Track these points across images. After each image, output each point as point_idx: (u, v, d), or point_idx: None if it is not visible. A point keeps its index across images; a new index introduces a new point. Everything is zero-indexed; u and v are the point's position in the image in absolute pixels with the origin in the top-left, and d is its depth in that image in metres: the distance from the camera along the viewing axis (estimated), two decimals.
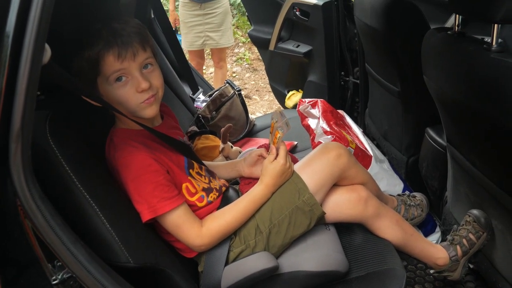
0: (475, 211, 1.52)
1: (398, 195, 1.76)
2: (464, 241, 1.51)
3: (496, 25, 1.19)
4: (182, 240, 1.21)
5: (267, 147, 1.40)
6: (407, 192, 1.85)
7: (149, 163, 1.15)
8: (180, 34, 3.77)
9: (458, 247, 1.51)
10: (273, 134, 1.30)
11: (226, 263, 1.24)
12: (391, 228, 1.42)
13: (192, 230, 1.19)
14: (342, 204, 1.37)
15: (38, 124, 0.99)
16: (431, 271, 1.59)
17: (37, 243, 0.90)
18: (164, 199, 1.15)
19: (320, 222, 1.34)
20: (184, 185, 1.24)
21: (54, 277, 0.93)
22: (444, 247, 1.53)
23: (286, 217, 1.26)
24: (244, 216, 1.25)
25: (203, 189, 1.28)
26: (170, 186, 1.18)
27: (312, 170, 1.33)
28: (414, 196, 1.77)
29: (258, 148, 1.49)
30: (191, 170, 1.28)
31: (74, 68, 1.13)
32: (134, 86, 1.14)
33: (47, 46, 0.82)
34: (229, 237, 1.26)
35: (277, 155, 1.28)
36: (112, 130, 1.24)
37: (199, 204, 1.26)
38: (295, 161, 1.47)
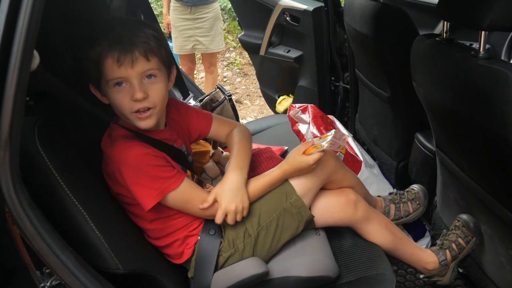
0: (464, 216, 1.53)
1: (389, 193, 1.73)
2: (454, 245, 1.52)
3: (483, 32, 1.20)
4: (192, 214, 1.24)
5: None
6: (395, 190, 1.83)
7: (146, 152, 1.16)
8: (171, 39, 3.77)
9: (447, 251, 1.52)
10: (324, 137, 1.29)
11: (216, 268, 1.24)
12: (380, 232, 1.43)
13: (200, 202, 1.22)
14: (332, 208, 1.38)
15: (27, 130, 0.98)
16: (421, 276, 1.60)
17: (25, 250, 0.90)
18: (168, 178, 1.17)
19: (310, 227, 1.35)
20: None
21: (42, 284, 0.92)
22: (433, 251, 1.54)
23: (274, 220, 1.27)
24: (257, 192, 1.28)
25: None
26: (170, 166, 1.20)
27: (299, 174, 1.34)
28: (409, 191, 1.72)
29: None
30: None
31: (83, 65, 1.16)
32: (130, 93, 1.14)
33: (35, 52, 0.82)
34: (218, 241, 1.25)
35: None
36: (112, 125, 1.24)
37: None
38: None
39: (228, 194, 1.21)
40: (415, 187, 1.73)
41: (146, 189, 1.16)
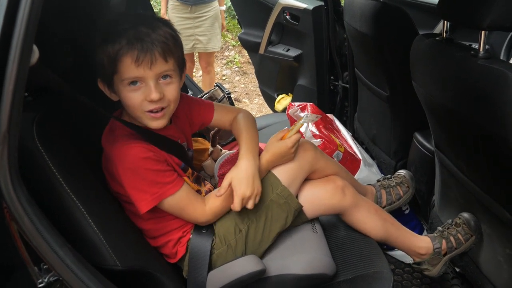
0: (465, 214, 1.53)
1: (377, 180, 1.72)
2: (452, 238, 1.52)
3: (483, 32, 1.20)
4: (187, 220, 1.24)
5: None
6: (382, 176, 1.83)
7: (146, 155, 1.14)
8: None
9: (444, 241, 1.52)
10: (295, 123, 1.32)
11: (210, 266, 1.25)
12: (370, 218, 1.43)
13: (197, 211, 1.22)
14: (320, 196, 1.38)
15: (26, 126, 0.98)
16: (410, 262, 1.57)
17: (23, 246, 0.90)
18: (166, 183, 1.16)
19: (302, 219, 1.35)
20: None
21: (40, 280, 0.92)
22: (430, 237, 1.53)
23: (262, 212, 1.27)
24: None
25: None
26: (170, 171, 1.19)
27: (282, 166, 1.33)
28: (394, 176, 1.72)
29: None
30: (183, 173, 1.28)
31: (96, 59, 1.13)
32: (144, 93, 1.13)
33: (35, 47, 0.82)
34: (210, 239, 1.26)
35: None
36: (114, 120, 1.21)
37: None
38: None
39: (244, 181, 1.20)
40: (401, 171, 1.73)
41: (142, 193, 1.15)
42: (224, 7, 3.84)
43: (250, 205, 1.21)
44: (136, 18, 1.16)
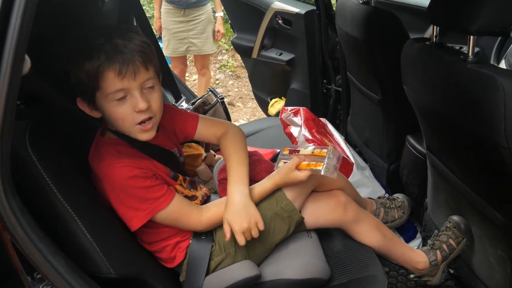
0: (455, 217, 1.55)
1: (378, 197, 1.77)
2: (444, 246, 1.54)
3: (472, 36, 1.22)
4: (183, 229, 1.24)
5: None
6: (386, 195, 1.86)
7: (133, 174, 1.14)
8: (161, 39, 3.77)
9: (438, 252, 1.54)
10: (318, 154, 1.29)
11: (207, 272, 1.25)
12: (370, 232, 1.44)
13: (191, 220, 1.21)
14: (322, 209, 1.39)
15: (18, 134, 0.98)
16: (411, 276, 1.61)
17: (16, 255, 0.89)
18: (157, 198, 1.16)
19: (301, 229, 1.35)
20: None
21: None
22: (424, 251, 1.55)
23: (265, 224, 1.27)
24: None
25: (186, 197, 1.28)
26: (159, 185, 1.18)
27: None
28: (395, 199, 1.78)
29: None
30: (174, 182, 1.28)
31: (72, 78, 1.10)
32: (132, 105, 1.11)
33: (27, 57, 0.82)
34: (210, 246, 1.26)
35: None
36: (99, 138, 1.21)
37: None
38: (272, 168, 1.47)
39: (236, 216, 1.19)
40: (400, 196, 1.80)
41: (132, 210, 1.14)
42: (222, 14, 3.82)
43: (254, 234, 1.20)
44: (108, 31, 1.13)
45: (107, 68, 1.07)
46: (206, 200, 1.37)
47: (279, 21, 2.79)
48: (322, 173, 1.24)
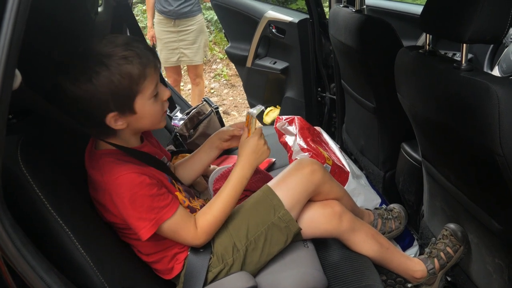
0: (452, 225, 1.54)
1: (376, 208, 1.77)
2: (442, 254, 1.53)
3: (464, 44, 1.22)
4: (179, 242, 1.22)
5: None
6: (384, 206, 1.87)
7: (140, 180, 1.12)
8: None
9: (435, 260, 1.53)
10: (247, 120, 1.31)
11: (205, 284, 1.23)
12: (367, 242, 1.43)
13: (188, 233, 1.20)
14: (317, 219, 1.38)
15: (10, 149, 0.97)
16: (409, 285, 1.60)
17: (7, 271, 0.88)
18: (162, 208, 1.15)
19: (297, 239, 1.34)
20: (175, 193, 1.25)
21: None
22: (421, 260, 1.55)
23: (262, 234, 1.26)
24: (230, 204, 1.24)
25: (189, 207, 1.28)
26: (165, 194, 1.17)
27: (287, 187, 1.33)
28: (392, 209, 1.79)
29: None
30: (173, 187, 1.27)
31: (109, 87, 1.06)
32: (160, 96, 1.17)
33: (17, 71, 0.81)
34: (208, 257, 1.24)
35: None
36: (93, 151, 1.19)
37: None
38: (269, 178, 1.47)
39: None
40: (396, 206, 1.80)
41: (141, 221, 1.13)
42: None
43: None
44: (114, 38, 1.12)
45: (149, 66, 1.11)
46: None
47: (273, 30, 2.81)
48: (254, 115, 1.30)
